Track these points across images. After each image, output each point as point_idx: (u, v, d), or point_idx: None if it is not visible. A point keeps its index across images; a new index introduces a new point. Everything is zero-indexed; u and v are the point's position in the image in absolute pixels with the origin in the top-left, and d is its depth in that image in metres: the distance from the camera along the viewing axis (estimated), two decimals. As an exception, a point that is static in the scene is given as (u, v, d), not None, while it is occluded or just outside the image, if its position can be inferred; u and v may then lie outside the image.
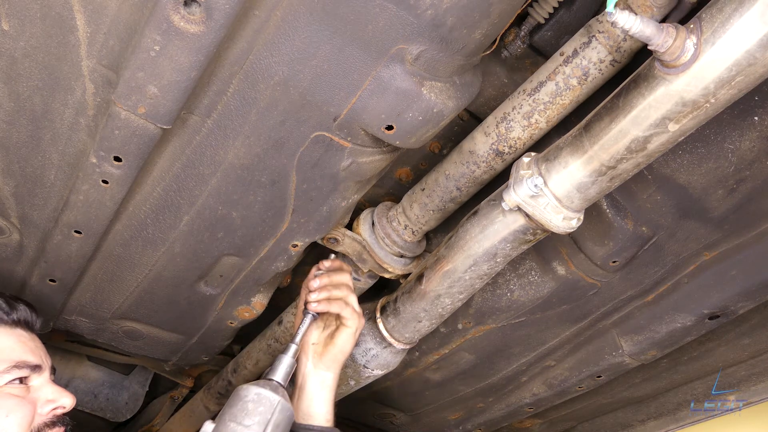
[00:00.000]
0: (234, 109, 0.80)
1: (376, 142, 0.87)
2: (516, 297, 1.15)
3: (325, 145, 0.86)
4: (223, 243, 1.05)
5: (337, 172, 0.92)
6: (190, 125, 0.82)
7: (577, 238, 1.03)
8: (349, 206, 1.04)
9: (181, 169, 0.90)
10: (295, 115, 0.81)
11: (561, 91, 0.84)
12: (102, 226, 0.97)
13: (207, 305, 1.24)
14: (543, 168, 0.77)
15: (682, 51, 0.60)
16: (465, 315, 1.24)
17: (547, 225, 0.78)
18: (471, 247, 0.88)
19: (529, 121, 0.89)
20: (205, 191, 0.94)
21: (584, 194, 0.75)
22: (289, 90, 0.77)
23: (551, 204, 0.76)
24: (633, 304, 1.12)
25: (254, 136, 0.84)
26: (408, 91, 0.75)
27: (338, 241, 1.16)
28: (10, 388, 0.91)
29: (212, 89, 0.77)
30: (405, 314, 1.03)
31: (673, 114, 0.64)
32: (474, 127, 1.00)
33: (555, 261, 1.09)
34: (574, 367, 1.26)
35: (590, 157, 0.72)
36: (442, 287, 0.95)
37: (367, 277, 1.28)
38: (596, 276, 1.07)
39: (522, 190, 0.77)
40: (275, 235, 1.05)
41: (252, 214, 0.99)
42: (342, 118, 0.80)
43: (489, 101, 1.02)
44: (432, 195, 1.07)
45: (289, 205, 0.98)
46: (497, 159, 0.95)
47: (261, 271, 1.14)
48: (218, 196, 0.95)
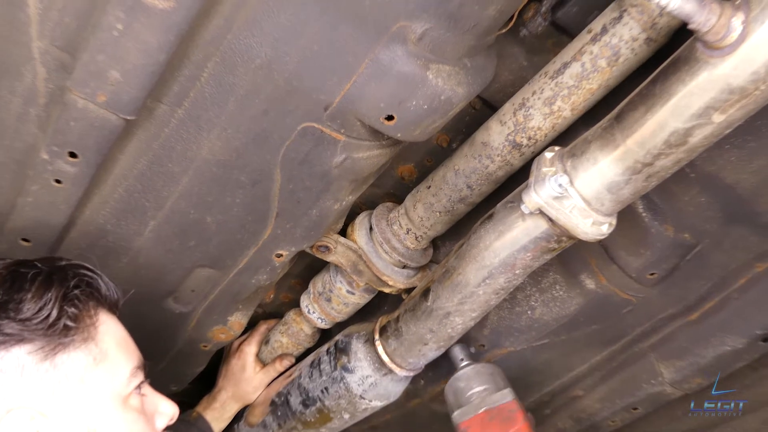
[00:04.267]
0: (209, 96, 0.80)
1: (375, 135, 0.87)
2: (538, 315, 1.16)
3: (314, 139, 0.86)
4: (196, 252, 1.06)
5: (329, 170, 0.92)
6: (157, 116, 0.82)
7: (608, 246, 1.03)
8: (342, 209, 1.05)
9: (147, 166, 0.90)
10: (280, 103, 0.81)
11: (588, 73, 0.84)
12: (54, 233, 0.97)
13: (176, 325, 1.24)
14: (568, 165, 0.77)
15: (727, 30, 0.60)
16: (479, 337, 1.24)
17: (574, 231, 0.78)
18: (485, 257, 0.88)
19: (551, 109, 0.89)
20: (175, 192, 0.94)
21: (616, 195, 0.75)
22: (272, 75, 0.77)
23: (578, 206, 0.77)
24: (674, 324, 1.12)
25: (232, 128, 0.84)
26: (411, 75, 0.75)
27: (330, 249, 1.17)
28: (134, 399, 0.82)
29: (184, 74, 0.77)
30: (408, 336, 1.04)
31: (717, 103, 0.64)
32: (488, 117, 1.00)
33: (583, 273, 1.09)
34: (606, 398, 1.26)
35: (623, 153, 0.72)
36: (452, 304, 0.95)
37: (363, 292, 1.30)
38: (631, 291, 1.07)
39: (544, 191, 0.77)
40: (256, 243, 1.06)
41: (229, 219, 1.00)
42: (334, 107, 0.80)
43: (505, 87, 1.02)
44: (439, 194, 1.08)
45: (272, 208, 0.99)
46: (514, 152, 0.96)
47: (240, 285, 1.15)
48: (190, 197, 0.95)
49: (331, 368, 1.18)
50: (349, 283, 1.28)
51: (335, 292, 1.30)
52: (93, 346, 0.82)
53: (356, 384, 1.12)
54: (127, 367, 0.84)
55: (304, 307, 1.37)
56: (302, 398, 1.24)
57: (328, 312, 1.33)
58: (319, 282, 1.35)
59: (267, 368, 1.40)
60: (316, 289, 1.35)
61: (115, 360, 0.83)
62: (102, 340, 0.83)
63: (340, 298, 1.30)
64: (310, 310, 1.36)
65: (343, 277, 1.29)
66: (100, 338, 0.83)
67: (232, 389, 1.39)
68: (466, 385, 1.12)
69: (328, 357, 1.20)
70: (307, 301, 1.37)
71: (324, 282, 1.33)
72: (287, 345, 1.43)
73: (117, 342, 0.85)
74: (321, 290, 1.33)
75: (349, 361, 1.14)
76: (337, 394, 1.16)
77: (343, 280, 1.29)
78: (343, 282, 1.29)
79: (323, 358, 1.22)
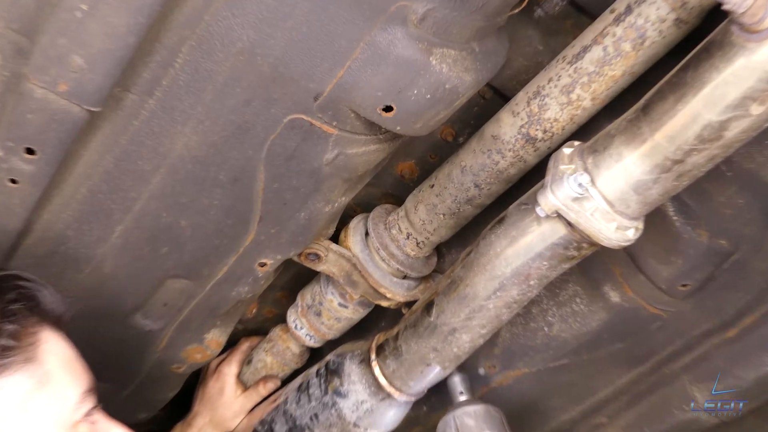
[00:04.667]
0: (184, 85, 0.80)
1: (371, 128, 0.88)
2: (556, 332, 1.16)
3: (303, 132, 0.86)
4: (168, 261, 1.05)
5: (319, 168, 0.92)
6: (126, 107, 0.82)
7: (635, 254, 1.03)
8: (334, 212, 1.05)
9: (114, 164, 0.89)
10: (264, 92, 0.81)
11: (610, 58, 0.84)
12: (8, 240, 0.96)
13: (145, 344, 1.23)
14: (589, 162, 0.78)
15: (765, 12, 0.60)
16: (489, 356, 1.24)
17: (596, 237, 0.79)
18: (496, 266, 0.88)
19: (569, 98, 0.89)
20: (145, 193, 0.94)
21: (643, 196, 0.76)
22: (256, 60, 0.77)
23: (600, 209, 0.77)
24: (709, 342, 1.12)
25: (210, 120, 0.84)
26: (412, 61, 0.76)
27: (320, 257, 1.17)
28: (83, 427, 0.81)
29: (155, 60, 0.77)
30: (409, 355, 1.04)
31: (756, 93, 0.65)
32: (499, 107, 1.01)
33: (606, 284, 1.10)
34: (633, 426, 1.25)
35: (651, 148, 0.73)
36: (458, 319, 0.96)
37: (357, 305, 1.30)
38: (661, 304, 1.08)
39: (562, 191, 0.77)
40: (237, 250, 1.06)
41: (206, 223, 1.00)
42: (325, 96, 0.81)
43: (518, 74, 1.02)
44: (443, 194, 1.08)
45: (255, 210, 0.99)
46: (528, 147, 0.96)
47: (218, 299, 1.15)
48: (162, 199, 0.95)
49: (321, 392, 1.17)
50: (341, 296, 1.29)
51: (326, 306, 1.31)
52: (36, 368, 0.80)
53: (350, 410, 1.11)
54: (76, 391, 0.83)
55: (291, 323, 1.37)
56: (288, 426, 1.23)
57: (318, 328, 1.34)
58: (308, 294, 1.35)
59: (249, 392, 1.40)
60: (304, 302, 1.35)
61: (61, 383, 0.82)
62: (46, 360, 0.82)
63: (332, 312, 1.31)
64: (297, 326, 1.36)
65: (335, 288, 1.29)
66: (44, 358, 0.82)
67: (209, 414, 1.39)
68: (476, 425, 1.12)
69: (318, 379, 1.19)
70: (295, 315, 1.37)
71: (313, 294, 1.33)
72: (272, 365, 1.43)
73: (63, 363, 0.84)
74: (310, 303, 1.34)
75: (341, 384, 1.14)
76: (328, 422, 1.15)
77: (335, 291, 1.29)
78: (335, 294, 1.29)
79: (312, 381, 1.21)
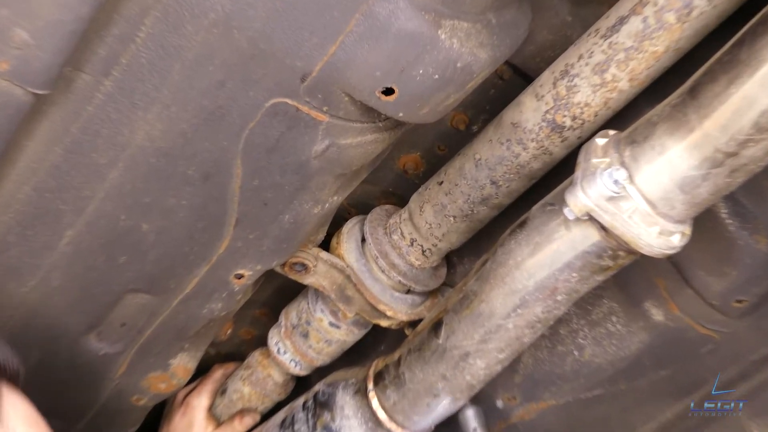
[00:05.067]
0: (147, 64, 0.80)
1: (368, 115, 0.88)
2: (588, 357, 1.16)
3: (287, 119, 0.86)
4: (128, 272, 1.05)
5: (307, 161, 0.92)
6: (78, 89, 0.82)
7: (681, 264, 1.03)
8: (325, 214, 1.05)
9: (64, 156, 0.89)
10: (242, 72, 0.81)
11: (651, 31, 0.84)
12: None
13: (100, 371, 1.22)
14: (627, 154, 0.78)
15: None
16: (508, 386, 1.24)
17: (635, 243, 0.78)
18: (516, 279, 0.88)
19: (602, 78, 0.89)
20: (100, 191, 0.94)
21: (691, 195, 0.76)
22: (232, 34, 0.77)
23: (640, 210, 0.77)
24: None
25: (177, 105, 0.84)
26: (417, 34, 0.76)
27: (308, 268, 1.17)
28: None
29: (113, 34, 0.77)
30: (413, 385, 1.04)
31: None
32: (520, 90, 1.01)
33: (648, 300, 1.10)
34: None
35: (699, 139, 0.73)
36: (472, 341, 0.96)
37: (351, 325, 1.31)
38: (712, 323, 1.07)
39: (595, 189, 0.77)
40: (209, 259, 1.06)
41: (173, 227, 1.00)
42: (314, 77, 0.80)
43: (543, 50, 1.03)
44: (454, 192, 1.09)
45: (230, 212, 0.99)
46: (554, 137, 0.96)
47: (186, 317, 1.15)
48: (121, 198, 0.95)
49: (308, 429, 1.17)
50: (333, 314, 1.29)
51: (314, 326, 1.31)
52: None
53: (343, 449, 1.15)
54: None
55: (272, 346, 1.38)
56: (269, 469, 1.25)
57: (305, 352, 1.34)
58: (293, 312, 1.36)
59: (222, 427, 1.41)
60: (289, 322, 1.36)
61: None
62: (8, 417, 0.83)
63: (321, 333, 1.31)
64: (280, 350, 1.37)
65: (326, 305, 1.30)
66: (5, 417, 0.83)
67: None
68: None
69: (305, 414, 1.19)
70: (277, 337, 1.38)
71: (300, 312, 1.34)
72: (250, 397, 1.44)
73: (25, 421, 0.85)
74: (296, 323, 1.34)
75: (332, 420, 1.14)
76: (319, 462, 1.16)
77: (325, 309, 1.30)
78: (325, 312, 1.30)
79: (298, 416, 1.21)
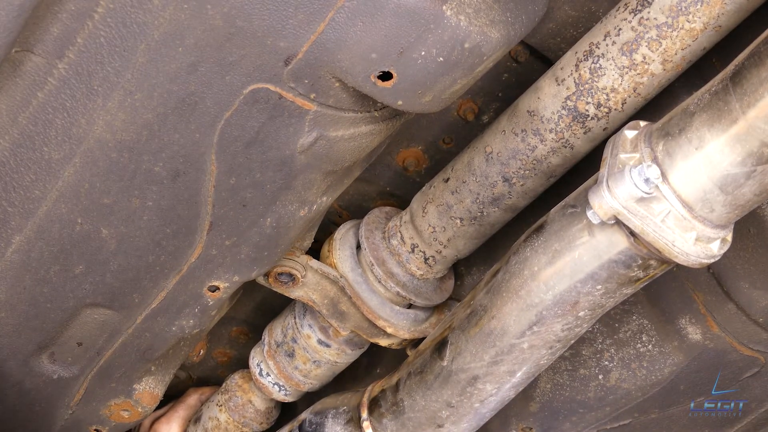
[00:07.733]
0: (106, 44, 0.79)
1: (362, 103, 0.87)
2: (614, 382, 1.15)
3: (269, 108, 0.86)
4: (85, 284, 1.05)
5: (292, 156, 0.92)
6: (27, 73, 0.82)
7: (721, 275, 1.03)
8: (312, 217, 1.04)
9: (11, 150, 0.89)
10: (217, 54, 0.81)
11: (688, 5, 0.84)
12: None
13: (53, 397, 1.23)
14: (660, 149, 0.77)
15: None
16: (523, 415, 1.24)
17: (668, 251, 0.77)
18: (533, 292, 0.88)
19: (631, 59, 0.89)
20: (53, 191, 0.93)
21: (733, 196, 0.75)
22: (205, 9, 0.76)
23: (675, 213, 0.76)
24: None
25: (142, 91, 0.84)
26: (419, 10, 0.76)
27: (295, 279, 1.16)
28: None
29: (68, 9, 0.76)
30: (414, 413, 1.03)
31: None
32: (538, 74, 1.01)
33: (683, 317, 1.09)
34: None
35: (743, 131, 0.72)
36: (481, 363, 0.95)
37: (344, 344, 1.29)
38: (756, 343, 1.07)
39: (623, 189, 0.76)
40: (178, 269, 1.05)
41: (137, 233, 0.99)
42: (300, 59, 0.80)
43: (563, 29, 1.04)
44: (461, 191, 1.08)
45: (203, 215, 0.98)
46: (576, 127, 0.96)
47: (152, 336, 1.15)
48: (77, 199, 0.94)
49: (294, 463, 1.19)
50: (322, 330, 1.27)
51: (301, 343, 1.29)
52: None
53: (335, 486, 1.11)
54: None
55: (254, 367, 1.36)
56: None
57: (291, 374, 1.32)
58: (277, 328, 1.34)
59: None
60: (273, 339, 1.34)
61: None
62: None
63: (309, 352, 1.29)
64: (263, 372, 1.35)
65: (314, 319, 1.28)
66: None
67: None
68: None
69: (291, 445, 1.20)
70: (260, 357, 1.36)
71: (285, 328, 1.32)
72: (227, 426, 1.43)
73: None
74: (280, 340, 1.33)
75: (321, 453, 1.16)
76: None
77: (313, 323, 1.28)
78: (313, 327, 1.28)
79: (283, 448, 1.20)
